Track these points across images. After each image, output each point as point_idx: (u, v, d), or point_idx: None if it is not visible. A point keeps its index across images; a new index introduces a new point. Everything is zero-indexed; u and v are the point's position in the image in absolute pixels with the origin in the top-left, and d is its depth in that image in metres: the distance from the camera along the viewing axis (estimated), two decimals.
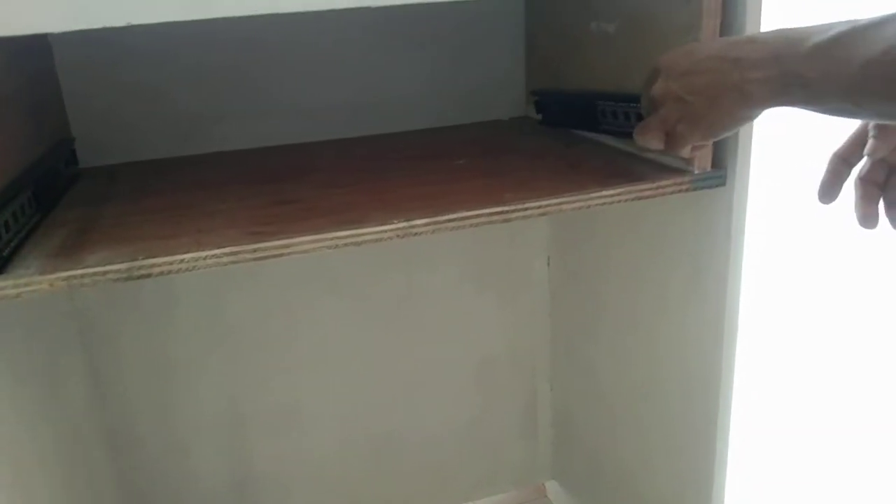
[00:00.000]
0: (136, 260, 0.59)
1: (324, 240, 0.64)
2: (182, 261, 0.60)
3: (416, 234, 0.66)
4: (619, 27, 0.84)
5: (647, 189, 0.73)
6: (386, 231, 0.65)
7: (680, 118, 0.62)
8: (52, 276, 0.57)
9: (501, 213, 0.69)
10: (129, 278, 0.59)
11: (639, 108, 0.72)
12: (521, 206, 0.69)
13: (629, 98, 0.80)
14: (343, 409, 1.20)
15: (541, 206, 0.70)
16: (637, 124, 0.68)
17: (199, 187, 0.82)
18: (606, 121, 0.86)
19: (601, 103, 0.86)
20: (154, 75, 0.95)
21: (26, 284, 0.57)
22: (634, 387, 1.03)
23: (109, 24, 0.53)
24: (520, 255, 1.22)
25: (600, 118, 0.87)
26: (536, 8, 1.06)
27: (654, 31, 0.77)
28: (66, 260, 0.60)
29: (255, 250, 0.62)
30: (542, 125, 1.03)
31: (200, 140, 0.99)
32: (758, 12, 0.68)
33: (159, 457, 1.13)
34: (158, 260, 0.60)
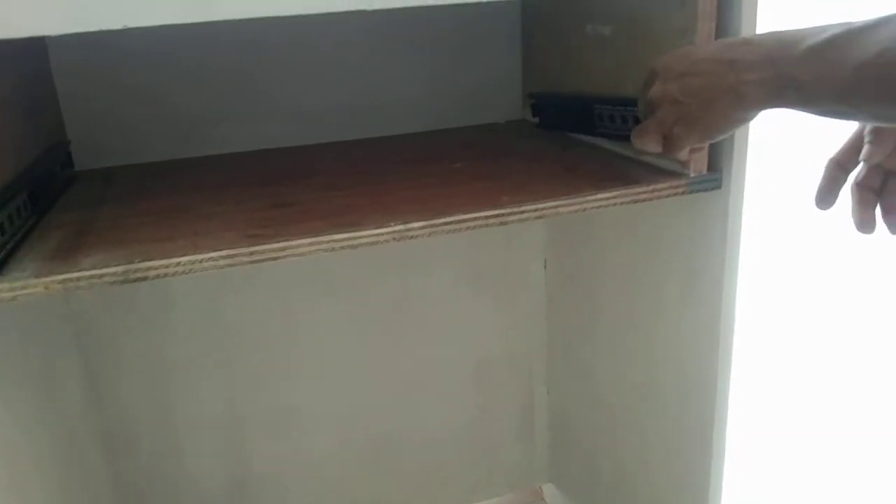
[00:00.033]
0: (132, 263, 0.59)
1: (320, 242, 0.64)
2: (179, 264, 0.60)
3: (413, 237, 0.66)
4: (614, 30, 0.84)
5: (643, 192, 0.73)
6: (382, 234, 0.65)
7: (676, 120, 0.62)
8: (47, 278, 0.57)
9: (498, 215, 0.69)
10: (125, 281, 0.59)
11: (635, 111, 0.72)
12: (517, 209, 0.69)
13: (625, 101, 0.80)
14: (340, 412, 1.20)
15: (537, 209, 0.70)
16: (634, 128, 0.68)
17: (196, 190, 0.82)
18: (603, 124, 0.86)
19: (598, 107, 0.86)
20: (151, 78, 0.95)
21: (22, 287, 0.57)
22: (631, 389, 1.03)
23: (106, 27, 0.53)
24: (516, 257, 1.22)
25: (597, 121, 0.87)
26: (533, 11, 1.06)
27: (649, 34, 0.77)
28: (62, 263, 0.60)
29: (252, 253, 0.62)
30: (539, 128, 1.03)
31: (198, 142, 0.99)
32: (753, 15, 0.69)
33: (156, 459, 1.12)
34: (155, 263, 0.60)
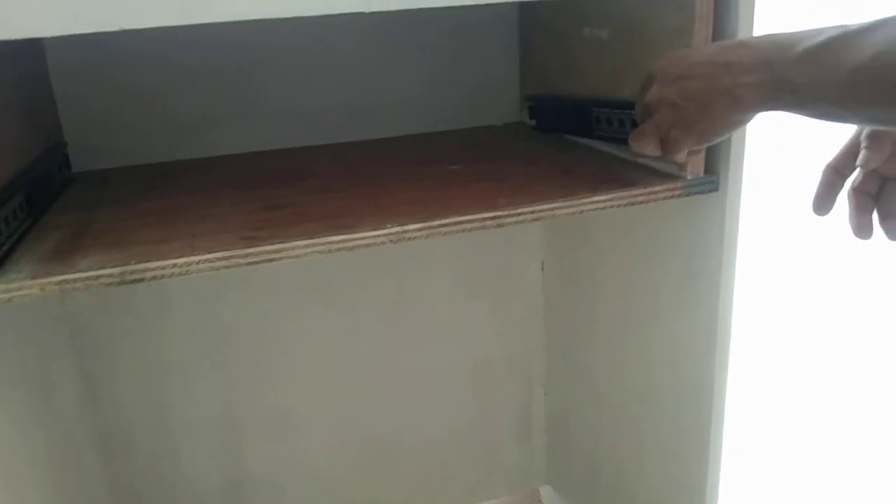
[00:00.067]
0: (128, 264, 0.59)
1: (316, 244, 0.64)
2: (175, 265, 0.60)
3: (410, 239, 0.66)
4: (612, 33, 0.84)
5: (640, 194, 0.73)
6: (379, 236, 0.65)
7: (674, 123, 0.62)
8: (43, 280, 0.57)
9: (495, 218, 0.69)
10: (121, 283, 0.59)
11: (632, 114, 0.72)
12: (514, 212, 0.69)
13: (623, 104, 0.80)
14: (337, 414, 1.20)
15: (534, 212, 0.70)
16: (631, 130, 0.68)
17: (192, 191, 0.82)
18: (600, 127, 0.86)
19: (595, 110, 0.86)
20: (148, 79, 0.95)
21: (18, 289, 0.57)
22: (628, 391, 1.03)
23: (102, 29, 0.53)
24: (514, 259, 1.22)
25: (594, 124, 0.87)
26: (531, 14, 1.06)
27: (646, 36, 0.77)
28: (59, 264, 0.60)
29: (248, 255, 0.62)
30: (536, 131, 1.04)
31: (195, 144, 0.99)
32: (750, 17, 0.69)
33: (153, 461, 1.12)
34: (151, 264, 0.60)
